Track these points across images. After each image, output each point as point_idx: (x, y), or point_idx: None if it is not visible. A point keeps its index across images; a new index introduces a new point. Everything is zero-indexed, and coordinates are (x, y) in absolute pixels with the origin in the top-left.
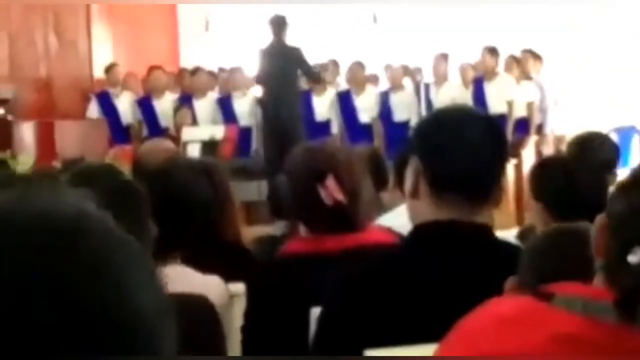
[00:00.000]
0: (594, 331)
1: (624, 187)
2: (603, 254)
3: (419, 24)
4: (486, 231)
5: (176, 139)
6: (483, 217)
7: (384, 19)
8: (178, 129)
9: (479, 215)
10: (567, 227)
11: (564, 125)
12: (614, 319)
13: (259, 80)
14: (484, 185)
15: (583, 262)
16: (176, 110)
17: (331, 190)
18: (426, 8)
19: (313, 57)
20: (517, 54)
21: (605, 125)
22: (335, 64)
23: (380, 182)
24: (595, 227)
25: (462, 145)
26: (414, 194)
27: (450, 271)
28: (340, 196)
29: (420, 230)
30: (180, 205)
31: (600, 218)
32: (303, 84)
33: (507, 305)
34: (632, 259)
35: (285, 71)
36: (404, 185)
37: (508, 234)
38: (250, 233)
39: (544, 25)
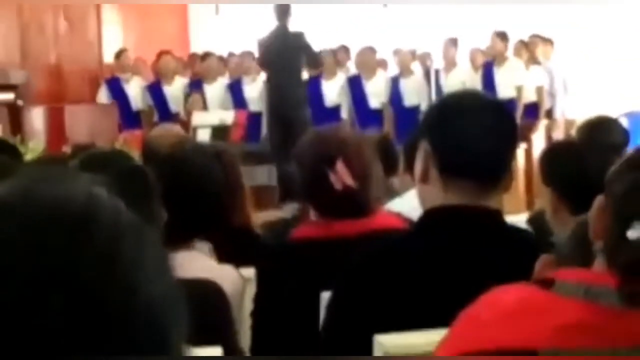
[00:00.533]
0: (596, 317)
1: (622, 167)
2: (602, 236)
3: (428, 9)
4: (496, 216)
5: (186, 124)
6: (493, 202)
7: (394, 4)
8: (189, 114)
9: (489, 200)
10: None
11: (574, 110)
12: (617, 302)
13: (263, 65)
14: (494, 170)
15: None
16: (187, 95)
17: (341, 175)
18: None
19: (323, 42)
20: (527, 39)
21: (615, 109)
22: (345, 49)
23: (390, 167)
24: (593, 210)
25: (471, 130)
26: (424, 178)
27: (460, 256)
28: (350, 181)
29: (430, 215)
30: (191, 190)
31: (597, 200)
32: (308, 71)
33: (509, 295)
34: (631, 234)
35: (289, 56)
36: (414, 170)
37: (518, 218)
38: (260, 218)
39: (554, 12)
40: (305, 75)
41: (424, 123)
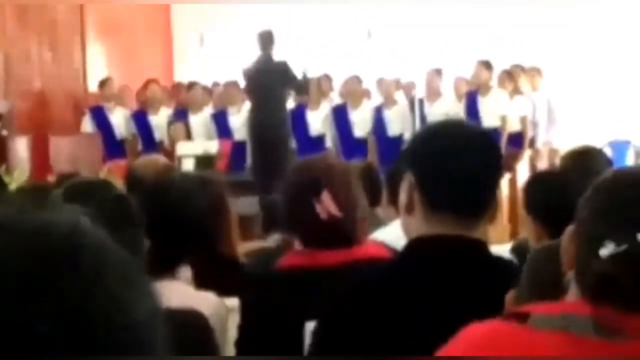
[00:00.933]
0: (573, 348)
1: (589, 193)
2: (574, 264)
3: (412, 38)
4: (480, 246)
5: (171, 154)
6: (478, 232)
7: (378, 34)
8: (173, 143)
9: (474, 230)
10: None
11: (558, 139)
12: (592, 332)
13: (248, 93)
14: (478, 201)
15: None
16: (170, 124)
17: (326, 205)
18: (420, 23)
19: (309, 71)
20: (510, 68)
21: (599, 139)
22: (328, 78)
23: (374, 197)
24: (564, 240)
25: (456, 161)
26: (408, 209)
27: (443, 286)
28: (335, 211)
29: (414, 245)
30: (176, 219)
31: (567, 230)
32: (295, 98)
33: (485, 331)
34: (603, 252)
35: (272, 85)
36: (398, 200)
37: (502, 248)
38: (245, 248)
39: (538, 39)
40: (290, 104)
41: (407, 154)
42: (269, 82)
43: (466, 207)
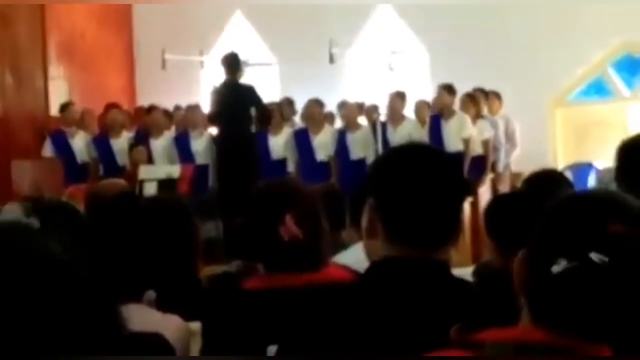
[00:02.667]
0: None
1: (541, 219)
2: (524, 289)
3: (375, 63)
4: (442, 269)
5: (133, 178)
6: (441, 255)
7: (342, 59)
8: (134, 167)
9: (436, 253)
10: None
11: (520, 163)
12: (544, 355)
13: (212, 119)
14: (440, 227)
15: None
16: (131, 148)
17: (289, 228)
18: (384, 47)
19: (268, 96)
20: (473, 91)
21: (560, 162)
22: (290, 102)
23: (337, 220)
24: (515, 265)
25: (417, 186)
26: (370, 233)
27: (405, 309)
28: (298, 233)
29: (376, 268)
30: (141, 244)
31: (519, 255)
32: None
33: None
34: (555, 268)
35: (239, 110)
36: (361, 223)
37: (464, 271)
38: (207, 271)
39: (499, 63)
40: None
41: (369, 177)
42: (237, 105)
43: (427, 234)
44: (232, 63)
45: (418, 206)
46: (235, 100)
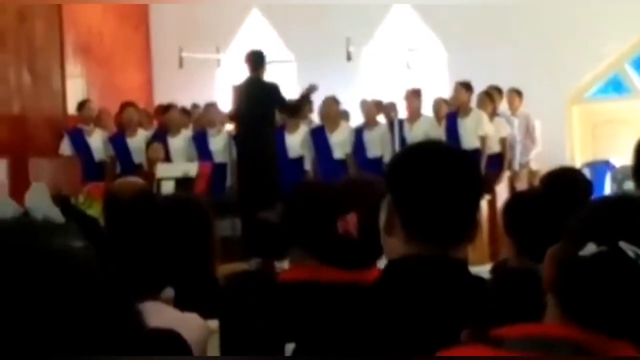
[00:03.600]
0: None
1: (573, 220)
2: (552, 285)
3: (393, 60)
4: (459, 267)
5: (150, 176)
6: (458, 253)
7: (359, 57)
8: (151, 165)
9: (454, 252)
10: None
11: (537, 160)
12: (569, 352)
13: (233, 116)
14: (457, 226)
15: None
16: (148, 145)
17: (348, 225)
18: (401, 45)
19: (285, 94)
20: (490, 89)
21: (578, 159)
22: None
23: None
24: (545, 261)
25: (435, 184)
26: (389, 231)
27: (422, 308)
28: (354, 232)
29: (393, 267)
30: (160, 241)
31: (548, 251)
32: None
33: (460, 355)
34: (584, 252)
35: (262, 108)
36: (379, 222)
37: (482, 269)
38: (225, 269)
39: (517, 64)
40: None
41: (386, 176)
42: (259, 103)
43: (445, 231)
44: (256, 60)
45: (436, 204)
46: (258, 97)
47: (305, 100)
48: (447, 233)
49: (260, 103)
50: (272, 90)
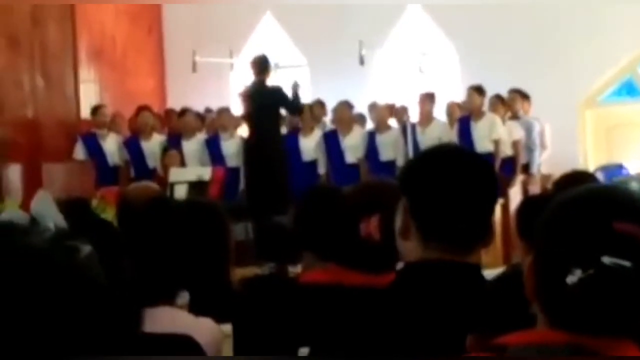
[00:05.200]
0: None
1: (546, 221)
2: (537, 296)
3: (405, 65)
4: (475, 271)
5: (163, 180)
6: (473, 257)
7: (372, 61)
8: (165, 170)
9: (469, 256)
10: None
11: (550, 164)
12: (568, 354)
13: (246, 118)
14: (473, 228)
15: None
16: (164, 151)
17: (371, 229)
18: (413, 49)
19: (299, 86)
20: (503, 93)
21: (591, 163)
22: (321, 104)
23: None
24: (525, 272)
25: (450, 188)
26: (404, 235)
27: (436, 312)
28: (376, 236)
29: (408, 271)
30: (171, 246)
31: (526, 263)
32: (287, 124)
33: None
34: (570, 279)
35: (268, 111)
36: (394, 225)
37: (495, 272)
38: (238, 274)
39: (528, 66)
40: (282, 130)
41: (401, 179)
42: (264, 106)
43: (460, 236)
44: (260, 65)
45: (451, 208)
46: (263, 101)
47: (297, 98)
48: (463, 237)
49: (265, 106)
50: (276, 92)
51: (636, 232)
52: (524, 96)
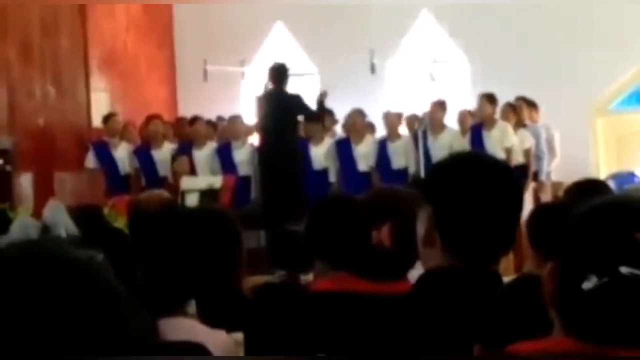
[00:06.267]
0: None
1: (568, 230)
2: (554, 302)
3: (417, 73)
4: (497, 279)
5: (174, 188)
6: (496, 265)
7: (383, 69)
8: (176, 177)
9: (493, 263)
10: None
11: (562, 172)
12: None
13: (259, 127)
14: (498, 237)
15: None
16: (174, 158)
17: (383, 237)
18: (425, 57)
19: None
20: (513, 101)
21: (602, 171)
22: (331, 112)
23: None
24: (545, 279)
25: (475, 197)
26: (429, 242)
27: (456, 319)
28: (387, 243)
29: (432, 277)
30: (185, 255)
31: (547, 269)
32: (301, 131)
33: None
34: (586, 285)
35: (286, 119)
36: (413, 233)
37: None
38: (249, 282)
39: (539, 74)
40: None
41: (426, 187)
42: (282, 114)
43: (485, 244)
44: (279, 73)
45: (477, 217)
46: (281, 109)
47: (321, 106)
48: (487, 246)
49: (283, 114)
50: (295, 100)
51: None
52: (530, 104)
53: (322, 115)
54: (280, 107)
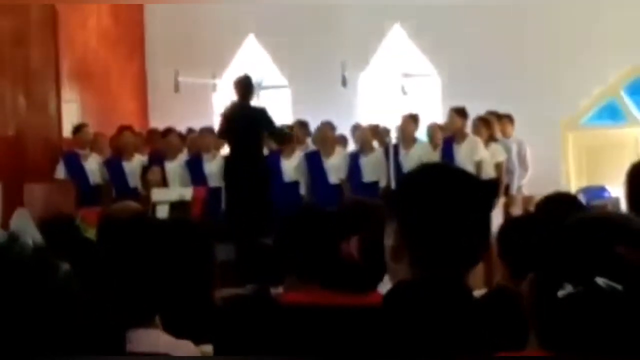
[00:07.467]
0: None
1: (549, 243)
2: (532, 310)
3: (388, 86)
4: (467, 292)
5: (145, 200)
6: (466, 277)
7: (354, 82)
8: (148, 188)
9: (463, 275)
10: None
11: (532, 186)
12: None
13: (221, 135)
14: (467, 249)
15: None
16: (145, 170)
17: (350, 249)
18: (396, 71)
19: (281, 118)
20: (485, 115)
21: (573, 185)
22: (303, 124)
23: None
24: (525, 288)
25: (442, 208)
26: (396, 257)
27: (425, 333)
28: (355, 256)
29: (401, 290)
30: (155, 267)
31: (528, 278)
32: (272, 144)
33: None
34: (561, 293)
35: (249, 132)
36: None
37: (476, 294)
38: (220, 294)
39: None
40: (264, 151)
41: (392, 200)
42: (247, 127)
43: (454, 256)
44: (245, 86)
45: (444, 229)
46: (246, 122)
47: (288, 135)
48: (456, 258)
49: (247, 127)
50: (260, 114)
51: (636, 257)
52: (504, 117)
53: (284, 139)
54: (245, 120)
